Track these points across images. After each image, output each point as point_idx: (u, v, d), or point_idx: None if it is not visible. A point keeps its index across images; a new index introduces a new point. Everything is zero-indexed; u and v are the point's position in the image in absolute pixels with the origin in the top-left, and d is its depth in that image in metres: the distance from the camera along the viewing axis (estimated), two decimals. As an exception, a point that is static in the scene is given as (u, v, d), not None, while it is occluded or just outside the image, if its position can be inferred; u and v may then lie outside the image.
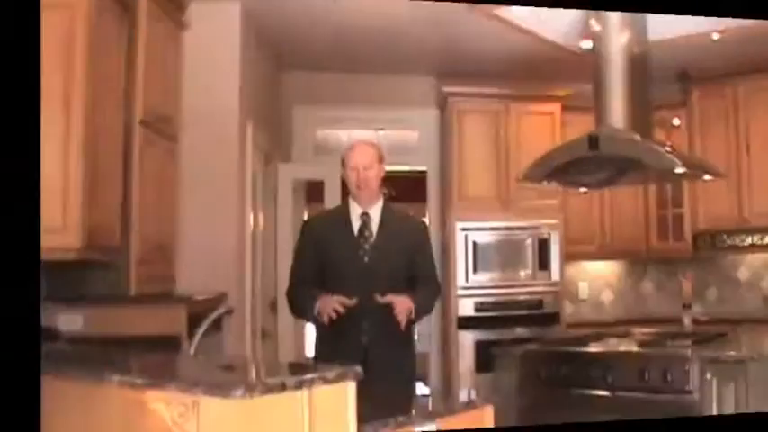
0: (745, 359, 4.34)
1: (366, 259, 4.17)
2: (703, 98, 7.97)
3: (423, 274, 4.29)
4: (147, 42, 4.48)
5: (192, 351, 3.65)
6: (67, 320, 4.22)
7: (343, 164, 4.25)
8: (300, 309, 4.26)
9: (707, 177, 5.58)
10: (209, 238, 5.48)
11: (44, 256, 3.28)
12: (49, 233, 3.40)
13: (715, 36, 6.18)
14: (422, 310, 4.20)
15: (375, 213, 4.25)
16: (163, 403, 2.40)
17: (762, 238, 7.77)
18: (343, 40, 6.94)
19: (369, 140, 4.73)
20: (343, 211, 4.32)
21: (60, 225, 3.70)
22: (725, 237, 7.96)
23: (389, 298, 3.99)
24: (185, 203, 5.23)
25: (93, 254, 3.90)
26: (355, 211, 4.25)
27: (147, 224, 4.48)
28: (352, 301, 3.94)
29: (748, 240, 7.87)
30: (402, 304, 4.00)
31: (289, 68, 7.77)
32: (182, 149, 5.13)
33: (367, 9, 6.10)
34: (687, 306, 6.27)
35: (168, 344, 4.26)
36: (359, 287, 4.01)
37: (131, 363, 3.18)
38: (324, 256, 4.21)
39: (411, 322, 4.13)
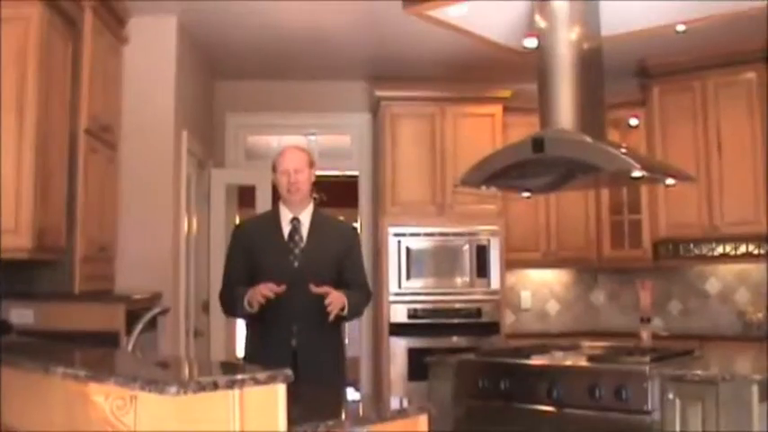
0: (714, 379, 4.27)
1: (296, 264, 4.59)
2: (665, 94, 8.32)
3: (353, 280, 4.73)
4: (91, 55, 5.58)
5: (129, 347, 4.20)
6: (20, 314, 5.18)
7: (274, 168, 4.70)
8: (231, 305, 4.69)
9: (670, 181, 5.59)
10: (146, 240, 6.45)
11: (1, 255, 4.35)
12: (3, 234, 4.45)
13: (680, 27, 6.13)
14: (353, 311, 4.60)
15: (305, 218, 4.69)
16: (103, 396, 2.67)
17: (735, 248, 8.00)
18: (275, 48, 7.78)
19: (299, 145, 5.09)
20: (274, 215, 4.78)
21: (13, 227, 4.71)
22: (691, 245, 8.21)
23: (326, 289, 4.43)
24: (124, 207, 6.36)
25: (43, 254, 4.96)
26: (286, 216, 4.69)
27: (90, 227, 5.56)
28: (282, 287, 4.37)
29: (719, 250, 8.09)
30: (337, 297, 4.44)
31: (221, 77, 8.79)
32: (121, 157, 6.29)
33: (298, 16, 6.91)
34: (646, 320, 6.14)
35: (108, 339, 5.15)
36: (289, 292, 4.40)
37: (75, 356, 3.60)
38: (254, 261, 4.65)
39: (341, 318, 4.57)
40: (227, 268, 4.83)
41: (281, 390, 2.72)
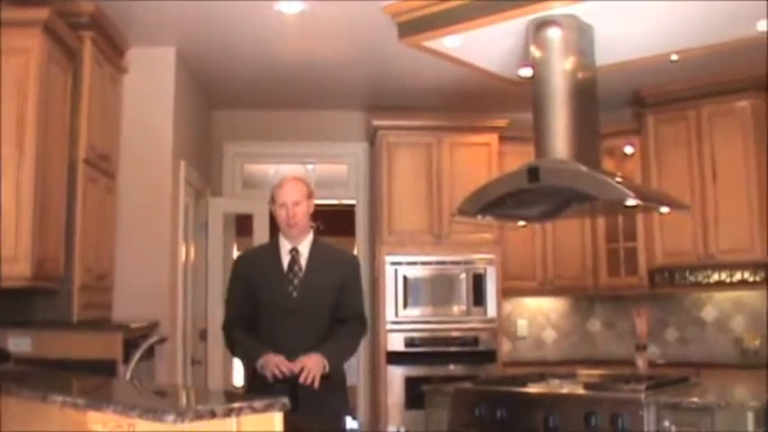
0: (710, 406, 4.30)
1: (295, 294, 4.57)
2: (660, 123, 8.36)
3: (349, 310, 4.70)
4: (90, 85, 5.66)
5: (128, 376, 4.27)
6: (17, 343, 5.20)
7: (273, 200, 4.68)
8: (242, 357, 4.68)
9: (664, 210, 5.70)
10: (143, 269, 6.45)
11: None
12: (2, 262, 4.49)
13: (674, 57, 6.26)
14: (338, 361, 4.53)
15: (304, 248, 4.67)
16: (101, 424, 2.75)
17: (731, 275, 7.97)
18: (272, 78, 7.80)
19: (298, 176, 5.00)
20: (274, 246, 4.76)
21: (12, 255, 4.77)
22: (687, 273, 8.19)
23: (302, 362, 4.31)
24: (122, 236, 6.40)
25: (41, 282, 4.99)
26: (285, 247, 4.68)
27: (88, 255, 5.60)
28: (294, 369, 4.29)
29: (714, 277, 8.07)
30: (313, 365, 4.32)
31: (219, 106, 8.84)
32: (120, 186, 6.35)
33: (295, 46, 6.96)
34: (642, 347, 6.25)
35: (105, 368, 5.18)
36: (288, 321, 4.48)
37: (73, 385, 3.68)
38: (255, 292, 4.63)
39: (327, 377, 4.39)
40: (229, 300, 4.82)
41: (278, 418, 2.75)
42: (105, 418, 2.71)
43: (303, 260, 4.66)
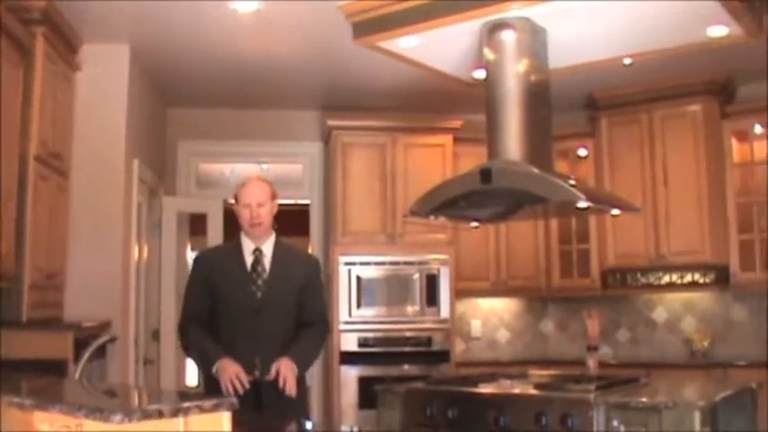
0: (658, 406, 4.36)
1: (259, 294, 4.61)
2: (613, 126, 8.48)
3: (311, 312, 4.78)
4: (42, 82, 5.57)
5: (77, 375, 4.26)
6: (-34, 342, 5.03)
7: (236, 200, 4.73)
8: (197, 359, 4.71)
9: (615, 212, 5.70)
10: (96, 268, 6.39)
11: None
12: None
13: (627, 60, 6.32)
14: (306, 365, 4.63)
15: (268, 249, 4.72)
16: (47, 424, 2.70)
17: (681, 277, 8.07)
18: (227, 77, 7.78)
19: (262, 177, 5.03)
20: (236, 246, 4.76)
21: (-40, 254, 4.61)
22: (638, 275, 8.29)
23: (277, 369, 4.39)
24: (75, 235, 6.32)
25: (-9, 281, 4.80)
26: (248, 247, 4.71)
27: (39, 254, 5.51)
28: (249, 378, 4.35)
29: (666, 279, 8.16)
30: (287, 371, 4.41)
31: (174, 104, 8.78)
32: (72, 184, 6.27)
33: (251, 45, 6.93)
34: (593, 348, 6.32)
35: (56, 367, 5.09)
36: (252, 322, 4.53)
37: (21, 385, 3.56)
38: (216, 291, 4.64)
39: (300, 380, 4.54)
40: (188, 299, 4.80)
41: (226, 418, 2.73)
42: (52, 418, 2.67)
43: (267, 261, 4.69)
